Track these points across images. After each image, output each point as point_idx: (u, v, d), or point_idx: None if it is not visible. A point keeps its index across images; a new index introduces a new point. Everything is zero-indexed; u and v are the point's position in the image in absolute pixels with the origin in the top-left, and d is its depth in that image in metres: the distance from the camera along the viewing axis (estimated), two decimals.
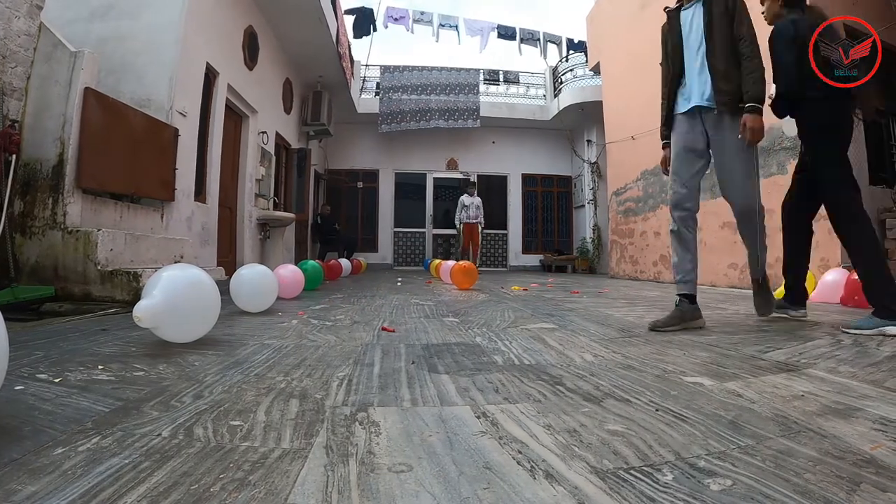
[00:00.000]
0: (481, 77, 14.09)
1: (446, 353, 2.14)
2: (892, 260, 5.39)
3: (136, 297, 3.38)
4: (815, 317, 3.40)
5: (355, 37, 13.00)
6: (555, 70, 14.23)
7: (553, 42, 13.86)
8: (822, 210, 5.33)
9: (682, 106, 3.10)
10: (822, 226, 5.40)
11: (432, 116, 13.44)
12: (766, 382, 1.61)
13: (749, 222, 3.07)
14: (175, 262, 4.36)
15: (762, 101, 2.86)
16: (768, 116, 6.22)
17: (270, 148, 8.96)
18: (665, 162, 3.28)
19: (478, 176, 14.87)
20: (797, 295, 3.35)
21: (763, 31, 3.03)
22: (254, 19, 7.80)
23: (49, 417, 1.22)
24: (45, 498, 0.81)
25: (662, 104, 3.26)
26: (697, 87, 3.01)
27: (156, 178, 4.82)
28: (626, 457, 1.02)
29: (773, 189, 6.17)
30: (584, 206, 13.69)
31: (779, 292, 3.45)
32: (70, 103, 3.83)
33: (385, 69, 13.79)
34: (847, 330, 2.70)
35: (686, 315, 2.90)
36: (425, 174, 15.01)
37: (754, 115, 2.81)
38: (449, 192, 15.21)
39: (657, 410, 1.32)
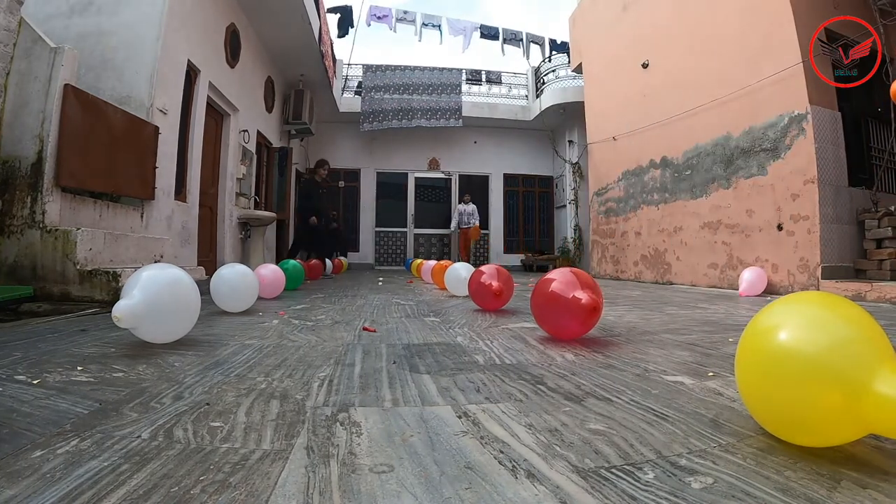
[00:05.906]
0: (464, 77, 14.10)
1: (427, 352, 2.15)
2: (871, 260, 5.49)
3: (116, 297, 3.34)
4: None
5: (338, 35, 12.94)
6: (537, 70, 14.26)
7: (536, 43, 13.90)
8: (804, 211, 5.38)
9: None
10: (800, 226, 5.52)
11: (414, 116, 13.42)
12: None
13: None
14: (155, 262, 4.31)
15: None
16: (745, 117, 6.23)
17: (251, 146, 8.88)
18: None
19: (459, 175, 14.92)
20: None
21: None
22: (236, 17, 7.73)
23: (27, 420, 1.20)
24: (24, 501, 0.80)
25: None
26: None
27: (136, 177, 4.75)
28: (607, 456, 1.03)
29: (753, 191, 6.25)
30: (565, 206, 13.75)
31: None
32: (49, 100, 3.75)
33: (367, 68, 13.75)
34: None
35: None
36: (407, 174, 14.96)
37: None
38: (430, 192, 15.20)
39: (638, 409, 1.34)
